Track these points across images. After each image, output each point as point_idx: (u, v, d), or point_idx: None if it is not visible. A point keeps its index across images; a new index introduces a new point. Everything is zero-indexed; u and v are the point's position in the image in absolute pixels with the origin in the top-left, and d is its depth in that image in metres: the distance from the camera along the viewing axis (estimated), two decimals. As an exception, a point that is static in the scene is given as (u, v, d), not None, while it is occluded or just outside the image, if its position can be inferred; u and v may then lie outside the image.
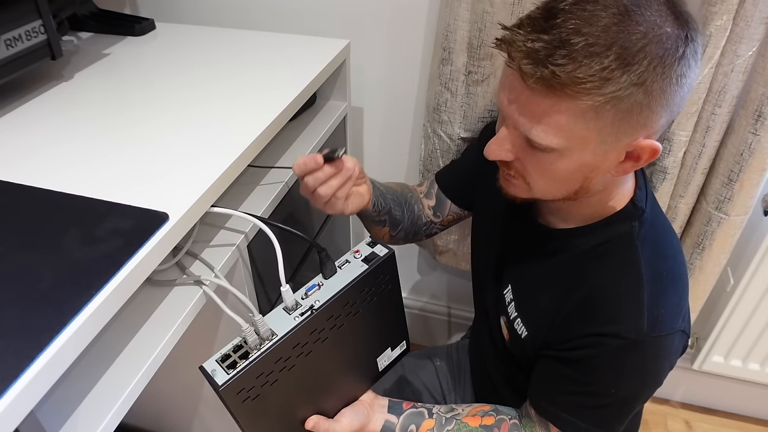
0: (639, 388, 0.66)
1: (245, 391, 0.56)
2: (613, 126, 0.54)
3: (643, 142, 0.56)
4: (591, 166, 0.58)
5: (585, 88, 0.50)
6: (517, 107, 0.55)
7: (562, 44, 0.50)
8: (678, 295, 0.65)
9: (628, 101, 0.51)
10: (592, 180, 0.60)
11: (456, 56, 0.95)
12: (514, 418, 0.75)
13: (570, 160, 0.57)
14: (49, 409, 0.50)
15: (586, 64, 0.49)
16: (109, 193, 0.57)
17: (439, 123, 1.03)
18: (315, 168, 0.65)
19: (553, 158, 0.57)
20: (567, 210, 0.69)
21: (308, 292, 0.61)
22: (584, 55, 0.49)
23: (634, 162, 0.58)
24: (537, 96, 0.53)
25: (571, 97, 0.51)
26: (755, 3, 0.76)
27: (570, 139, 0.55)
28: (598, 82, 0.50)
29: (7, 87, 0.76)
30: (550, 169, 0.59)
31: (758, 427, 1.40)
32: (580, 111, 0.52)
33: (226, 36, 0.98)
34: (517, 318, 0.75)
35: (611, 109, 0.52)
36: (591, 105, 0.51)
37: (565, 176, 0.59)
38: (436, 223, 0.94)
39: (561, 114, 0.53)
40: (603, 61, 0.49)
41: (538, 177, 0.61)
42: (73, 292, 0.45)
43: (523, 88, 0.54)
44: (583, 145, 0.55)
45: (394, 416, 0.75)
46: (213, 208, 0.62)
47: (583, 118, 0.53)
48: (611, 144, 0.56)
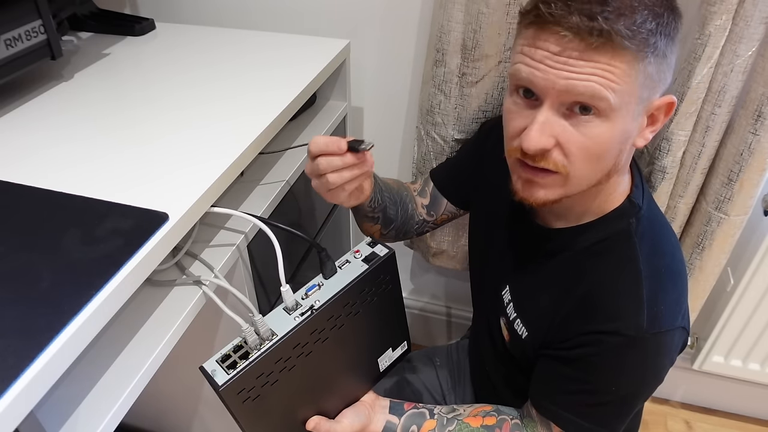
0: (639, 386, 0.66)
1: (245, 392, 0.56)
2: (650, 81, 0.57)
3: (658, 101, 0.60)
4: (628, 133, 0.60)
5: (635, 41, 0.54)
6: (567, 70, 0.56)
7: (605, 1, 0.54)
8: (677, 292, 0.65)
9: (661, 52, 0.56)
10: (623, 153, 0.62)
11: (449, 58, 0.94)
12: (515, 418, 0.75)
13: (613, 125, 0.58)
14: (49, 409, 0.50)
15: (631, 18, 0.54)
16: (109, 193, 0.57)
17: (433, 125, 1.03)
18: (336, 152, 0.62)
19: (597, 124, 0.57)
20: (565, 209, 0.69)
21: (308, 292, 0.61)
22: (628, 8, 0.54)
23: (652, 126, 0.62)
24: (592, 53, 0.54)
25: (626, 50, 0.54)
26: (755, 3, 0.76)
27: (621, 94, 0.56)
28: (645, 34, 0.54)
29: (7, 87, 0.76)
30: (594, 138, 0.58)
31: (758, 427, 1.40)
32: (631, 63, 0.55)
33: (226, 36, 0.98)
34: (517, 318, 0.75)
35: (653, 62, 0.56)
36: (638, 56, 0.55)
37: (607, 147, 0.59)
38: (428, 222, 0.93)
39: (615, 67, 0.55)
40: (643, 13, 0.54)
41: (579, 155, 0.59)
42: (73, 292, 0.45)
43: (576, 47, 0.55)
44: (628, 103, 0.57)
45: (396, 417, 0.75)
46: (213, 208, 0.62)
47: (632, 72, 0.55)
48: (644, 104, 0.59)
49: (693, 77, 0.82)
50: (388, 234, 0.88)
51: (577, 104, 0.57)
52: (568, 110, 0.57)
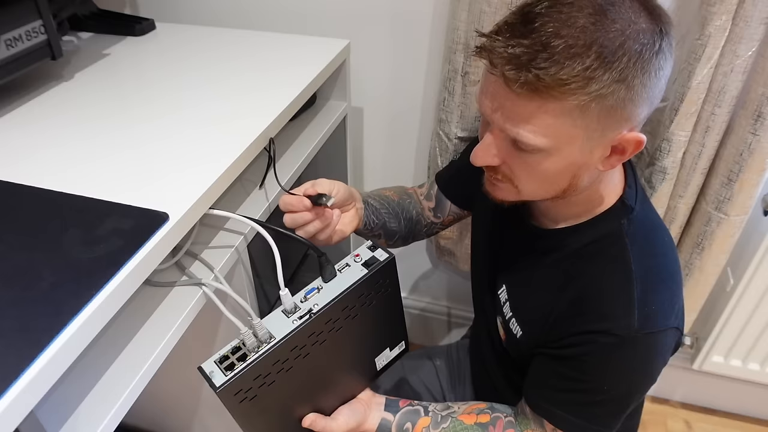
0: (632, 385, 0.66)
1: (242, 392, 0.57)
2: (599, 122, 0.54)
3: (627, 135, 0.56)
4: (578, 163, 0.58)
5: (570, 88, 0.51)
6: (502, 113, 0.56)
7: (543, 47, 0.50)
8: (670, 292, 0.65)
9: (611, 98, 0.52)
10: (580, 177, 0.61)
11: (455, 56, 0.95)
12: (509, 416, 0.76)
13: (558, 159, 0.57)
14: (49, 409, 0.50)
15: (568, 66, 0.50)
16: (109, 193, 0.57)
17: (438, 122, 1.04)
18: (300, 210, 0.66)
19: (540, 158, 0.58)
20: (557, 210, 0.69)
21: (307, 295, 0.61)
22: (566, 57, 0.50)
23: (619, 155, 0.59)
24: (522, 100, 0.53)
25: (557, 98, 0.52)
26: (754, 3, 0.76)
27: (557, 138, 0.55)
28: (581, 82, 0.51)
29: (7, 87, 0.76)
30: (537, 169, 0.59)
31: (758, 427, 1.40)
32: (566, 110, 0.53)
33: (226, 36, 0.98)
34: (512, 318, 0.75)
35: (596, 107, 0.53)
36: (576, 104, 0.52)
37: (553, 175, 0.60)
38: (436, 224, 0.94)
39: (547, 115, 0.53)
40: (585, 61, 0.50)
41: (526, 179, 0.61)
42: (73, 292, 0.45)
43: (508, 93, 0.54)
44: (570, 143, 0.56)
45: (391, 414, 0.75)
46: (212, 210, 0.62)
47: (569, 117, 0.53)
48: (597, 140, 0.56)
49: (693, 77, 0.82)
50: (395, 243, 0.90)
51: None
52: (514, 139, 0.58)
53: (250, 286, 0.74)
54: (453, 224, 0.97)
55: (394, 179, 1.25)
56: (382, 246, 0.66)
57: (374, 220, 0.82)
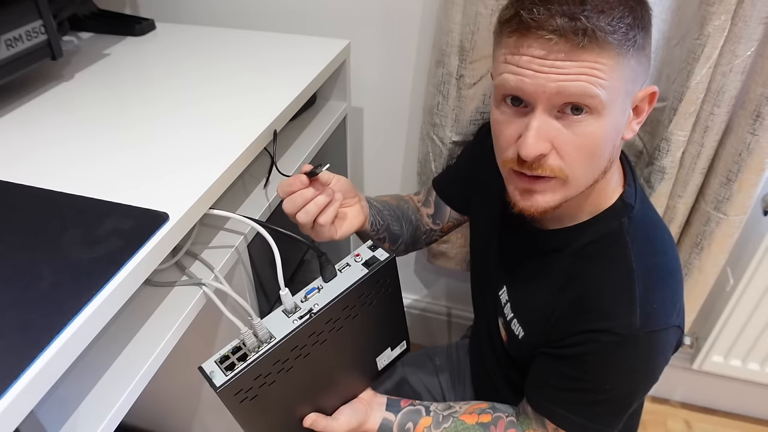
0: (633, 384, 0.66)
1: (243, 392, 0.57)
2: (633, 73, 0.58)
3: (641, 92, 0.61)
4: (619, 127, 0.60)
5: (616, 37, 0.55)
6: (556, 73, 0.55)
7: (584, 1, 0.54)
8: (671, 290, 0.65)
9: (640, 46, 0.57)
10: (616, 148, 0.63)
11: (449, 59, 0.94)
12: (511, 416, 0.76)
13: (605, 121, 0.58)
14: (49, 409, 0.51)
15: (609, 14, 0.54)
16: (109, 193, 0.57)
17: (432, 125, 1.03)
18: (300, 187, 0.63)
19: (590, 122, 0.57)
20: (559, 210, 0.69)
21: (307, 295, 0.61)
22: (607, 6, 0.55)
23: (638, 117, 0.63)
24: (579, 53, 0.55)
25: (610, 46, 0.55)
26: (753, 3, 0.76)
27: (610, 91, 0.56)
28: (624, 29, 0.55)
29: (7, 87, 0.76)
30: (588, 137, 0.58)
31: (758, 427, 1.40)
32: (616, 59, 0.56)
33: (226, 36, 0.98)
34: (514, 319, 0.75)
35: (633, 55, 0.57)
36: (620, 51, 0.55)
37: (601, 144, 0.59)
38: (435, 231, 0.94)
39: (602, 64, 0.55)
40: (620, 8, 0.55)
41: (576, 156, 0.59)
42: (73, 292, 0.45)
43: (560, 51, 0.55)
44: (616, 98, 0.58)
45: (392, 414, 0.75)
46: (212, 210, 0.62)
47: (618, 67, 0.56)
48: (629, 97, 0.60)
49: (692, 77, 0.82)
50: (398, 249, 0.89)
51: (568, 105, 0.57)
52: (559, 112, 0.57)
53: (250, 286, 0.74)
54: (452, 231, 0.96)
55: (394, 179, 1.25)
56: (382, 246, 0.66)
57: (379, 221, 0.81)
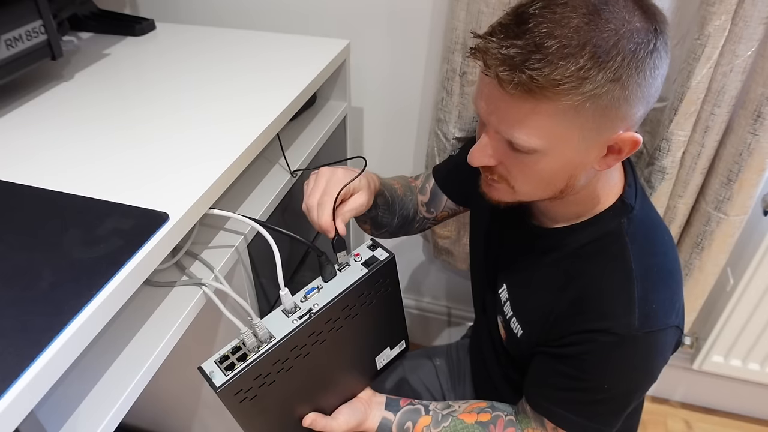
0: (632, 384, 0.66)
1: (243, 392, 0.57)
2: (594, 122, 0.54)
3: (623, 135, 0.56)
4: (574, 163, 0.58)
5: (564, 89, 0.51)
6: (497, 114, 0.56)
7: (536, 48, 0.50)
8: (670, 291, 0.65)
9: (606, 98, 0.52)
10: (576, 177, 0.61)
11: (453, 56, 0.95)
12: (510, 415, 0.76)
13: (553, 159, 0.57)
14: (49, 409, 0.51)
15: (562, 66, 0.50)
16: (109, 193, 0.57)
17: (437, 121, 1.04)
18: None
19: (536, 159, 0.58)
20: (555, 210, 0.69)
21: (307, 295, 0.61)
22: (559, 57, 0.50)
23: (616, 155, 0.58)
24: (516, 101, 0.53)
25: (551, 99, 0.52)
26: (754, 3, 0.76)
27: (552, 139, 0.55)
28: (575, 82, 0.51)
29: (7, 87, 0.76)
30: (534, 170, 0.59)
31: (758, 427, 1.40)
32: (561, 111, 0.53)
33: (226, 36, 0.98)
34: (513, 317, 0.75)
35: (591, 107, 0.53)
36: (570, 105, 0.52)
37: (549, 176, 0.60)
38: (428, 219, 0.93)
39: (541, 116, 0.53)
40: (578, 61, 0.50)
41: (522, 179, 0.61)
42: (74, 292, 0.45)
43: (502, 95, 0.54)
44: (565, 143, 0.56)
45: (391, 413, 0.75)
46: (212, 210, 0.62)
47: (564, 118, 0.53)
48: (593, 140, 0.56)
49: (692, 77, 0.82)
50: (381, 235, 0.88)
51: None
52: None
53: (250, 286, 0.74)
54: (446, 220, 0.96)
55: (394, 179, 1.26)
56: (382, 245, 0.66)
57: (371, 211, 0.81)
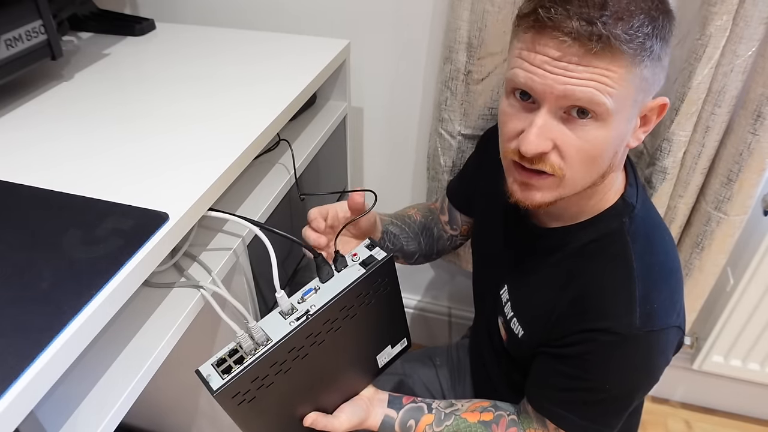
0: (633, 384, 0.66)
1: (240, 395, 0.57)
2: (645, 84, 0.58)
3: (651, 103, 0.61)
4: (622, 134, 0.60)
5: (630, 44, 0.54)
6: (563, 80, 0.56)
7: (605, 4, 0.54)
8: (671, 290, 0.65)
9: (656, 55, 0.56)
10: (618, 155, 0.63)
11: (457, 55, 0.95)
12: (512, 414, 0.76)
13: (610, 128, 0.58)
14: (49, 409, 0.50)
15: (628, 21, 0.54)
16: (109, 192, 0.57)
17: (440, 121, 1.04)
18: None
19: (594, 127, 0.58)
20: (559, 209, 0.69)
21: (304, 296, 0.61)
22: (625, 13, 0.54)
23: (645, 127, 0.63)
24: (591, 58, 0.54)
25: (623, 54, 0.54)
26: (755, 3, 0.76)
27: (618, 98, 0.56)
28: (642, 38, 0.54)
29: (7, 87, 0.76)
30: (591, 141, 0.58)
31: (758, 427, 1.40)
32: (629, 66, 0.55)
33: (226, 36, 0.98)
34: (514, 318, 0.75)
35: (649, 65, 0.56)
36: (634, 60, 0.55)
37: (603, 150, 0.59)
38: (456, 236, 0.95)
39: (614, 72, 0.55)
40: (640, 17, 0.54)
41: (577, 158, 0.59)
42: (73, 292, 0.45)
43: (573, 54, 0.55)
44: (624, 106, 0.58)
45: (394, 411, 0.75)
46: (209, 212, 0.62)
47: (630, 74, 0.56)
48: (638, 105, 0.59)
49: (694, 77, 0.82)
50: (416, 261, 0.93)
51: (574, 108, 0.57)
52: (565, 113, 0.58)
53: (248, 288, 0.73)
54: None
55: (393, 179, 1.25)
56: (379, 244, 0.66)
57: (388, 246, 0.85)
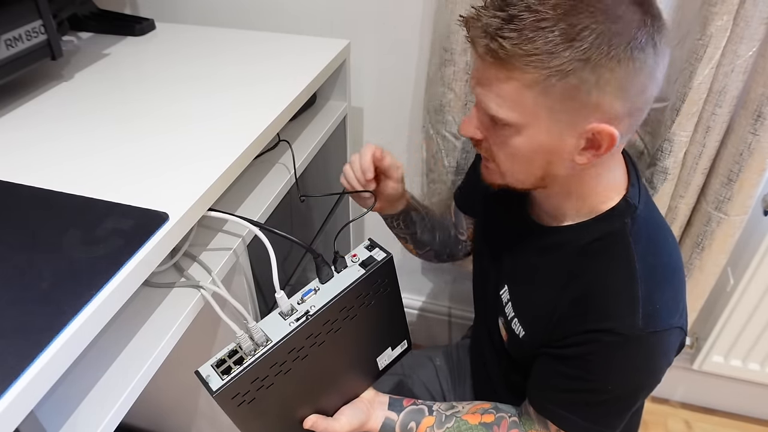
0: (635, 385, 0.66)
1: (240, 396, 0.56)
2: (563, 104, 0.55)
3: (599, 126, 0.56)
4: (549, 148, 0.59)
5: (530, 60, 0.52)
6: (480, 84, 0.59)
7: (511, 19, 0.52)
8: (674, 291, 0.65)
9: (573, 78, 0.53)
10: (554, 165, 0.61)
11: (458, 57, 0.95)
12: (513, 416, 0.76)
13: (527, 138, 0.59)
14: (49, 409, 0.50)
15: (531, 39, 0.52)
16: (109, 192, 0.57)
17: (443, 123, 1.04)
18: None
19: (511, 134, 0.59)
20: (556, 207, 0.69)
21: (304, 297, 0.61)
22: (531, 30, 0.52)
23: (594, 150, 0.58)
24: (492, 69, 0.56)
25: (519, 70, 0.54)
26: (755, 3, 0.76)
27: (522, 113, 0.57)
28: (543, 56, 0.52)
29: (7, 87, 0.75)
30: (510, 146, 0.60)
31: (758, 427, 1.40)
32: (529, 84, 0.54)
33: (226, 36, 0.98)
34: (514, 318, 0.75)
35: (558, 85, 0.53)
36: (537, 78, 0.53)
37: (525, 156, 0.61)
38: (465, 241, 0.96)
39: (512, 87, 0.55)
40: (548, 35, 0.52)
41: (502, 156, 0.63)
42: (74, 292, 0.45)
43: (482, 63, 0.57)
44: (535, 121, 0.57)
45: (395, 413, 0.75)
46: (209, 212, 0.62)
47: (532, 92, 0.55)
48: (565, 124, 0.57)
49: (695, 78, 0.82)
50: (425, 255, 0.93)
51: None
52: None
53: (248, 288, 0.73)
54: None
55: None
56: (379, 245, 0.65)
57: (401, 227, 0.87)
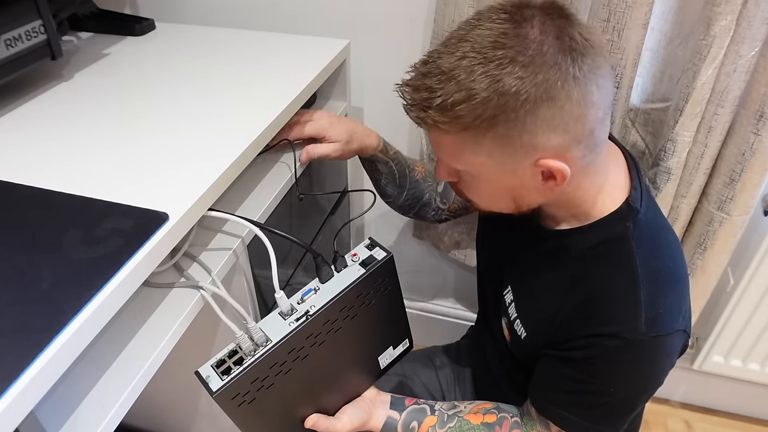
0: (638, 388, 0.66)
1: (240, 396, 0.56)
2: (501, 150, 0.57)
3: (549, 162, 0.57)
4: (510, 186, 0.62)
5: (455, 123, 0.55)
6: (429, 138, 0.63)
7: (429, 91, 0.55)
8: (676, 294, 0.64)
9: (500, 128, 0.55)
10: (523, 198, 0.64)
11: None
12: (515, 416, 0.76)
13: (486, 181, 0.62)
14: (49, 409, 0.50)
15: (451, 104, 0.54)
16: (108, 192, 0.57)
17: None
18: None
19: (471, 179, 0.63)
20: (555, 213, 0.69)
21: (304, 296, 0.61)
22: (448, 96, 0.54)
23: (554, 180, 0.59)
24: (430, 130, 0.59)
25: (449, 132, 0.57)
26: (758, 3, 0.76)
27: (468, 164, 0.60)
28: (465, 118, 0.54)
29: (7, 87, 0.75)
30: (476, 188, 0.65)
31: (758, 427, 1.40)
32: (461, 141, 0.57)
33: (226, 36, 0.98)
34: (517, 319, 0.75)
35: (488, 136, 0.56)
36: (467, 135, 0.56)
37: (492, 195, 0.65)
38: (443, 210, 0.95)
39: (449, 143, 0.59)
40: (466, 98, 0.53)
41: (475, 196, 0.67)
42: (73, 292, 0.45)
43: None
44: (483, 168, 0.60)
45: (397, 412, 0.75)
46: (209, 212, 0.62)
47: (467, 145, 0.58)
48: (512, 164, 0.58)
49: (698, 78, 0.82)
50: (388, 203, 0.94)
51: None
52: None
53: (248, 288, 0.73)
54: (461, 215, 0.97)
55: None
56: (380, 244, 0.65)
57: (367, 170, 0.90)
